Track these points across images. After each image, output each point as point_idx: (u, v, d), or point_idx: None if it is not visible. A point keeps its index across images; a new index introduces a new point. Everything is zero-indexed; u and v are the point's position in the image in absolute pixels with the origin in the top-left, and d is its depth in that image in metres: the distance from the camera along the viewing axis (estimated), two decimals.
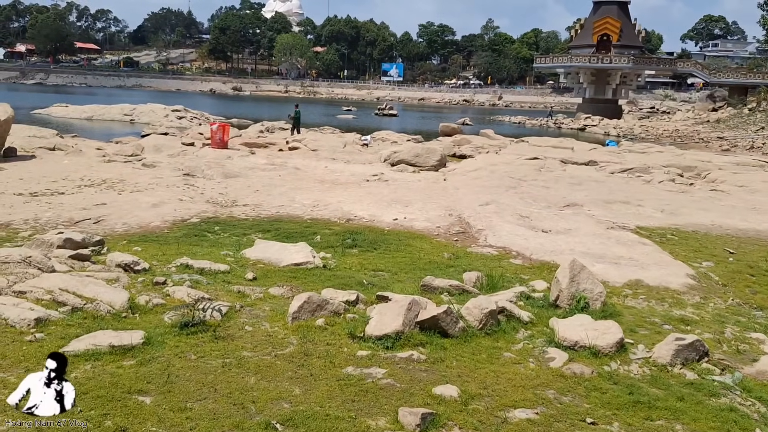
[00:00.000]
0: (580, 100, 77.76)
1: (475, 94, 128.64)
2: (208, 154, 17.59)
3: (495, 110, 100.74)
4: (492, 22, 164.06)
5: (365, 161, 18.41)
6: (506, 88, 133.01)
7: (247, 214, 11.02)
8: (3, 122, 16.03)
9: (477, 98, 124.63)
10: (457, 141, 30.75)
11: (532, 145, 29.09)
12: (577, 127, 63.82)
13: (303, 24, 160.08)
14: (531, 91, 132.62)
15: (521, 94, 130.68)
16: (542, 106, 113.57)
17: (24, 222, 9.72)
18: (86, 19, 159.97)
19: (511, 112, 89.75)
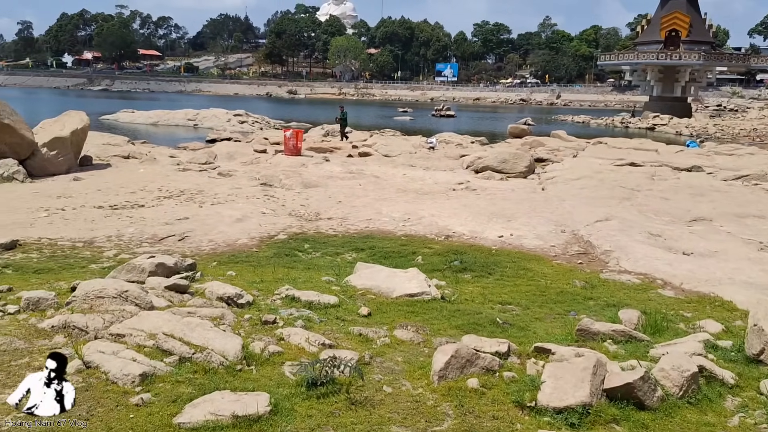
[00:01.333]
0: (645, 99, 74.57)
1: (532, 93, 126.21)
2: (282, 161, 16.99)
3: (553, 109, 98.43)
4: (549, 20, 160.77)
5: (446, 168, 17.41)
6: (564, 87, 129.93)
7: (335, 229, 10.21)
8: (80, 131, 15.84)
9: (534, 97, 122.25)
10: (529, 143, 29.43)
11: (611, 147, 27.45)
12: (646, 126, 61.07)
13: (357, 26, 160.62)
14: (591, 90, 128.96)
15: (580, 92, 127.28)
16: (603, 104, 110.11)
17: (107, 239, 9.19)
18: (149, 26, 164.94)
19: (571, 111, 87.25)
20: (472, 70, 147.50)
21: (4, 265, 7.58)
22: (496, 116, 76.57)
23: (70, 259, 8.03)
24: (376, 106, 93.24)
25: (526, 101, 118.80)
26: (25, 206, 11.18)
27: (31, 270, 7.38)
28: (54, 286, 6.29)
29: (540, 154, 25.27)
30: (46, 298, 5.49)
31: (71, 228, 9.74)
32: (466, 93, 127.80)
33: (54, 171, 14.96)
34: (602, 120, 67.76)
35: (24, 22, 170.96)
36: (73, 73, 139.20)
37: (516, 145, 30.39)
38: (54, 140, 15.07)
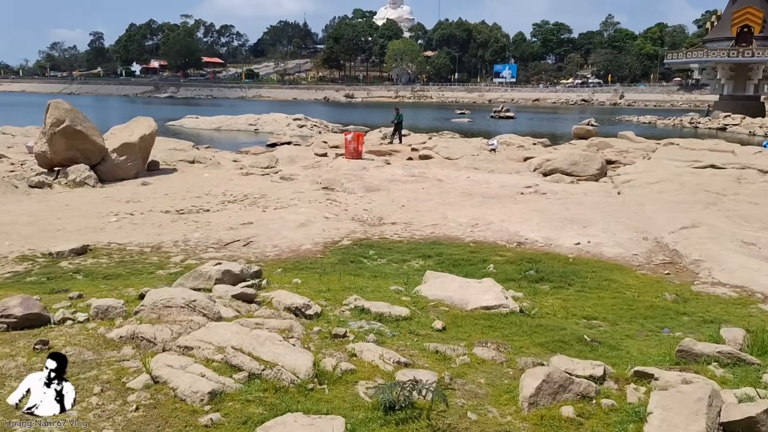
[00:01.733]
0: (715, 98, 71.16)
1: (594, 93, 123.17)
2: (343, 165, 16.84)
3: (616, 110, 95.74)
4: (612, 18, 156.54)
5: (511, 170, 16.85)
6: (628, 87, 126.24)
7: (400, 234, 9.89)
8: (147, 136, 16.15)
9: (596, 97, 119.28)
10: (595, 144, 28.38)
11: (683, 149, 26.08)
12: (716, 126, 58.26)
13: (414, 29, 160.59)
14: (656, 89, 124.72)
15: (645, 92, 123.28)
16: (669, 104, 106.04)
17: (174, 244, 9.18)
18: (212, 34, 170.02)
19: (635, 111, 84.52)
20: (532, 70, 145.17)
21: (75, 270, 7.62)
22: (557, 117, 74.82)
23: (138, 264, 8.03)
24: (432, 109, 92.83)
25: (587, 102, 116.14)
26: (96, 211, 11.38)
27: (101, 276, 7.39)
28: (122, 293, 6.22)
29: (608, 155, 24.28)
30: (114, 306, 5.40)
31: (139, 233, 9.81)
32: (525, 94, 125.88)
33: (123, 176, 15.29)
34: (669, 120, 65.29)
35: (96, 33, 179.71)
36: (141, 81, 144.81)
37: (581, 146, 29.34)
38: (123, 146, 15.42)
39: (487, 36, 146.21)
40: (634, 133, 33.94)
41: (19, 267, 7.78)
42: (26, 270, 7.64)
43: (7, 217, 10.54)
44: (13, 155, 19.46)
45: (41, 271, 7.60)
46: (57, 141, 14.47)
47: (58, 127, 14.37)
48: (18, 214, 10.87)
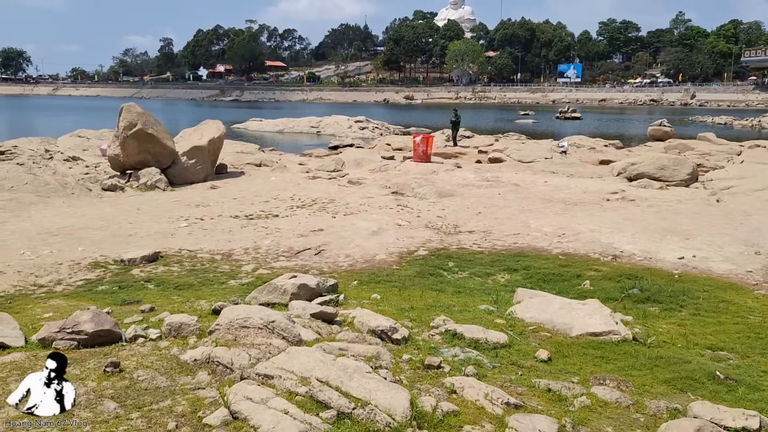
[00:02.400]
0: None
1: (664, 93, 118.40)
2: (411, 168, 16.30)
3: (687, 110, 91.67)
4: (682, 15, 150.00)
5: (592, 174, 15.87)
6: (700, 86, 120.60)
7: (479, 244, 9.25)
8: (216, 139, 16.10)
9: (666, 98, 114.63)
10: (674, 147, 26.82)
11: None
12: None
13: (475, 29, 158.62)
14: (730, 88, 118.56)
15: (718, 91, 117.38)
16: (743, 104, 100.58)
17: (244, 251, 8.87)
18: (275, 38, 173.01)
19: (708, 112, 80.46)
20: (597, 70, 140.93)
21: (147, 278, 7.38)
22: (625, 118, 72.04)
23: (209, 273, 7.72)
24: (494, 110, 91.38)
25: (656, 102, 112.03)
26: (167, 215, 11.27)
27: (172, 285, 7.11)
28: (195, 306, 5.88)
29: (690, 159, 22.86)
30: (188, 323, 5.02)
31: (210, 239, 9.57)
32: (590, 94, 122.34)
33: (192, 179, 15.26)
34: (746, 121, 61.67)
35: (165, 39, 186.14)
36: (207, 85, 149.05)
37: (658, 148, 27.86)
38: (193, 149, 15.40)
39: (551, 35, 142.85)
40: (672, 131, 31.93)
41: (91, 274, 7.61)
42: (98, 278, 7.46)
43: (81, 221, 10.52)
44: (87, 158, 19.89)
45: (113, 279, 7.40)
46: (129, 144, 14.57)
47: (131, 131, 14.46)
48: (91, 218, 10.86)
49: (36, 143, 22.76)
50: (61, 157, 19.24)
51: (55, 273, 7.62)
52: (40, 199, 11.91)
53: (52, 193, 12.49)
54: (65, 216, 10.98)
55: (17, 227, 9.89)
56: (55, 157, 19.31)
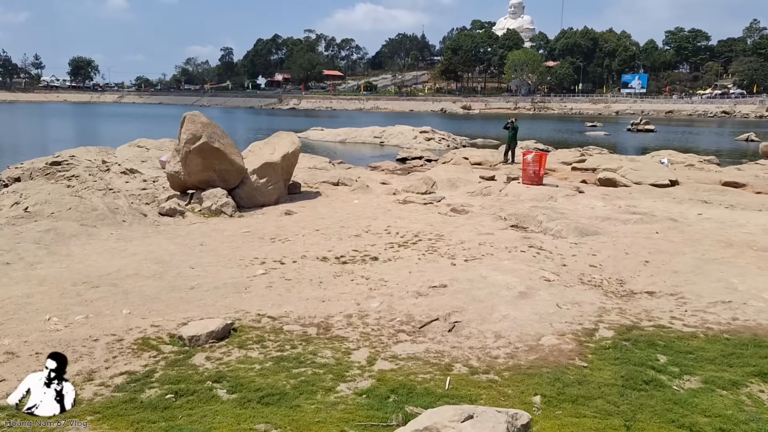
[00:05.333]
0: None
1: (736, 104, 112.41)
2: (521, 192, 13.53)
3: (763, 122, 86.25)
4: (757, 23, 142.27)
5: (759, 205, 12.70)
6: None
7: (682, 319, 6.41)
8: (290, 155, 13.76)
9: (739, 109, 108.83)
10: None
11: None
12: None
13: (535, 39, 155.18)
14: None
15: None
16: None
17: (347, 320, 6.34)
18: (332, 48, 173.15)
19: None
20: (663, 80, 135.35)
21: (216, 376, 4.90)
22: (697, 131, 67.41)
23: (306, 365, 5.21)
24: (553, 121, 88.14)
25: (728, 114, 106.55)
26: (237, 254, 8.89)
27: (255, 392, 4.61)
28: None
29: None
30: None
31: (296, 296, 7.09)
32: (656, 105, 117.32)
33: (263, 201, 12.97)
34: None
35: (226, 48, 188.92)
36: (266, 93, 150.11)
37: None
38: (264, 166, 13.09)
39: (615, 45, 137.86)
40: None
41: (137, 362, 5.21)
42: (146, 371, 5.04)
43: (130, 264, 8.24)
44: (146, 170, 18.00)
45: (167, 374, 4.97)
46: (192, 160, 12.37)
47: (194, 144, 12.25)
48: (143, 258, 8.56)
49: (94, 153, 21.17)
50: (118, 169, 17.42)
51: (87, 358, 5.26)
52: (83, 230, 9.74)
53: (99, 221, 10.34)
54: (112, 254, 8.74)
55: (50, 272, 7.66)
56: (112, 169, 17.51)
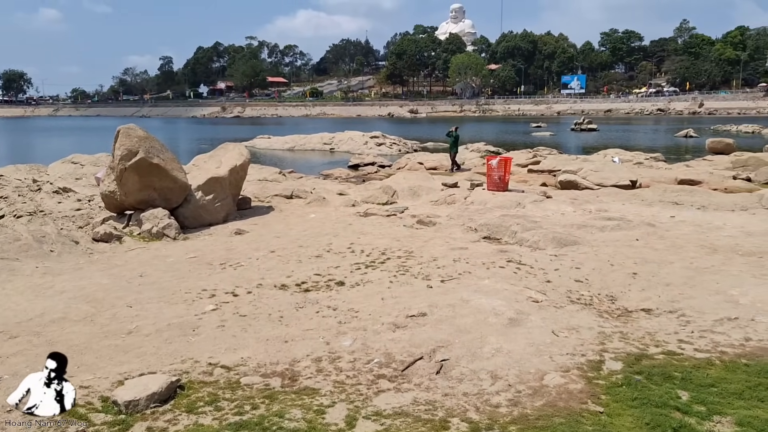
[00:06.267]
0: None
1: (671, 102, 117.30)
2: (488, 199, 12.85)
3: (695, 119, 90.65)
4: (687, 23, 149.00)
5: (732, 205, 12.37)
6: (707, 94, 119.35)
7: (691, 342, 5.75)
8: (239, 168, 12.69)
9: (673, 107, 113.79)
10: (743, 161, 23.51)
11: None
12: None
13: (477, 43, 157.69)
14: (739, 96, 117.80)
15: (727, 99, 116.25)
16: (754, 111, 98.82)
17: (315, 365, 5.40)
18: (276, 55, 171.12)
19: (718, 120, 79.05)
20: (601, 80, 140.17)
21: None
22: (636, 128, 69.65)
23: (271, 430, 4.27)
24: (499, 122, 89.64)
25: (664, 111, 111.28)
26: (183, 286, 7.81)
27: None
28: None
29: None
30: None
31: (253, 336, 6.11)
32: (595, 105, 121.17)
33: (210, 220, 11.85)
34: None
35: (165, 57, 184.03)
36: (208, 102, 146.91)
37: (723, 163, 24.65)
38: (210, 181, 11.98)
39: (554, 47, 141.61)
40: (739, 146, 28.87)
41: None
42: None
43: (57, 305, 7.04)
44: (80, 189, 16.51)
45: None
46: (129, 178, 11.15)
47: (130, 161, 11.04)
48: (73, 297, 7.38)
49: (24, 171, 19.44)
50: (50, 189, 15.91)
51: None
52: (4, 265, 8.45)
53: (23, 252, 9.04)
54: (36, 293, 7.51)
55: None
56: (43, 189, 15.97)
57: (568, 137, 56.37)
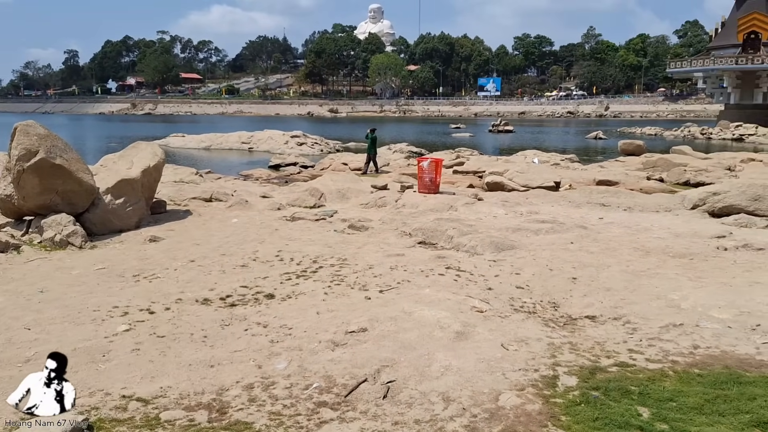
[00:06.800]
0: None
1: (579, 105, 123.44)
2: (420, 202, 12.52)
3: (602, 121, 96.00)
4: (593, 30, 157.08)
5: (656, 207, 12.64)
6: (612, 98, 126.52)
7: (642, 350, 5.58)
8: (152, 169, 11.70)
9: (582, 109, 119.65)
10: (653, 161, 24.67)
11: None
12: (731, 137, 56.29)
13: (396, 43, 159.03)
14: (641, 100, 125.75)
15: (630, 103, 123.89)
16: (654, 114, 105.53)
17: (247, 393, 4.79)
18: (189, 50, 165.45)
19: (623, 122, 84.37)
20: (515, 83, 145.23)
21: None
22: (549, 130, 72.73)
23: None
24: (418, 123, 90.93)
25: (573, 114, 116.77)
26: (91, 303, 6.93)
27: None
28: None
29: (689, 176, 20.59)
30: None
31: (174, 361, 5.41)
32: (510, 107, 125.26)
33: (121, 226, 10.83)
34: (678, 131, 63.87)
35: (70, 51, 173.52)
36: (118, 98, 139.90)
37: (635, 163, 25.78)
38: (121, 184, 10.95)
39: (470, 50, 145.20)
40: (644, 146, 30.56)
41: None
42: None
43: None
44: None
45: None
46: (28, 181, 9.96)
47: (29, 162, 9.86)
48: None
49: None
50: None
51: None
52: None
53: None
54: None
55: None
56: None
57: (486, 138, 57.83)
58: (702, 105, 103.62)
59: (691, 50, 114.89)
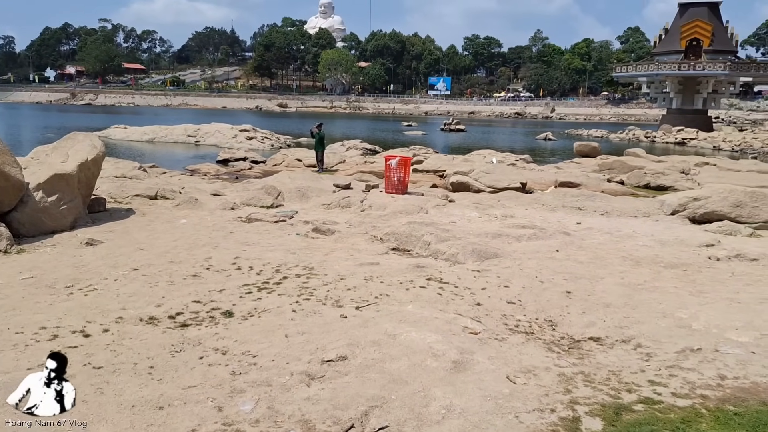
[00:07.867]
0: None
1: (527, 106, 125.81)
2: (388, 203, 11.66)
3: (548, 123, 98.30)
4: (540, 33, 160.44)
5: (634, 212, 12.16)
6: (558, 100, 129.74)
7: (665, 382, 4.88)
8: (90, 162, 10.40)
9: (529, 111, 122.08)
10: (609, 163, 24.70)
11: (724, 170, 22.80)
12: (673, 140, 58.29)
13: (347, 39, 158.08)
14: (585, 103, 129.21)
15: (575, 105, 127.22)
16: (597, 118, 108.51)
17: None
18: (133, 40, 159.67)
19: (569, 124, 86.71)
20: (465, 83, 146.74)
21: None
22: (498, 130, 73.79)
23: None
24: (369, 120, 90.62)
25: (521, 115, 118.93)
26: (13, 323, 5.75)
27: None
28: None
29: (648, 179, 20.59)
30: None
31: (113, 401, 4.37)
32: (460, 106, 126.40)
33: (54, 226, 9.53)
34: (623, 134, 66.01)
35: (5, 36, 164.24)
36: (56, 87, 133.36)
37: (591, 165, 25.78)
38: (54, 179, 9.63)
39: (421, 48, 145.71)
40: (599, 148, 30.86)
41: None
42: None
43: None
44: None
45: None
46: None
47: None
48: None
49: None
50: None
51: None
52: None
53: None
54: None
55: None
56: None
57: (438, 137, 57.96)
58: (642, 109, 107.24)
59: (633, 55, 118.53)
